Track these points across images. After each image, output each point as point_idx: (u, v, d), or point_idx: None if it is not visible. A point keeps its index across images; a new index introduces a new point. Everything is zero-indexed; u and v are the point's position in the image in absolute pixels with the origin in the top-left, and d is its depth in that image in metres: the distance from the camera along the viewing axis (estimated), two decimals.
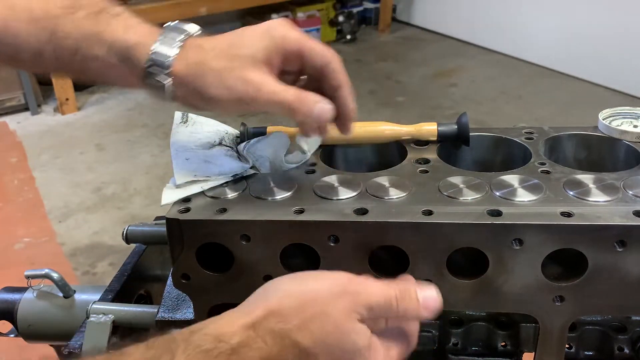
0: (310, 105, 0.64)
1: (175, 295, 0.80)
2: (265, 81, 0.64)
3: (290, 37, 0.67)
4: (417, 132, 0.80)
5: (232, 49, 0.65)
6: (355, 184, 0.71)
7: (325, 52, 0.68)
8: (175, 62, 0.65)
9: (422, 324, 0.77)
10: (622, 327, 0.76)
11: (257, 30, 0.67)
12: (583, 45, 3.66)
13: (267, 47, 0.65)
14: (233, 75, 0.64)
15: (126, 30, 0.67)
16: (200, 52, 0.66)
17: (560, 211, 0.63)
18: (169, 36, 0.66)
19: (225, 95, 0.65)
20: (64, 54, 0.67)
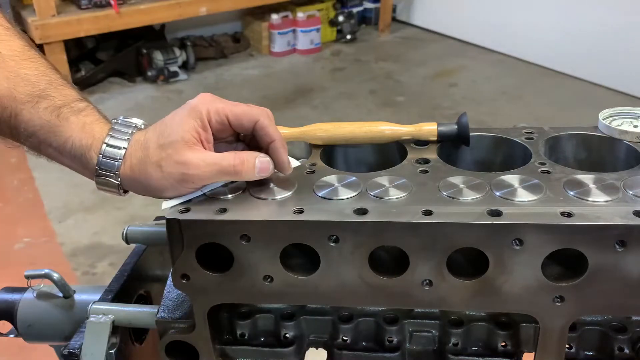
0: (252, 162, 0.69)
1: (175, 295, 0.80)
2: (202, 157, 0.68)
3: (213, 110, 0.70)
4: (417, 132, 0.80)
5: (162, 139, 0.69)
6: (355, 184, 0.71)
7: (250, 112, 0.71)
8: (122, 165, 0.70)
9: (422, 325, 0.78)
10: (622, 327, 0.76)
11: (182, 114, 0.70)
12: (583, 45, 3.66)
13: (193, 127, 0.69)
14: (169, 163, 0.68)
15: (83, 129, 0.71)
16: (142, 148, 0.70)
17: (560, 211, 0.63)
18: (115, 137, 0.71)
19: (168, 183, 0.69)
20: (22, 135, 0.72)
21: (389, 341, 0.78)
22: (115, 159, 0.70)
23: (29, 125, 0.71)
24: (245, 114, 0.71)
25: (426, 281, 0.66)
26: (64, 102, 0.72)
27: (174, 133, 0.69)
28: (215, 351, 0.77)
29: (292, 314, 0.79)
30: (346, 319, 0.78)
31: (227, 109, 0.71)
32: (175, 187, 0.69)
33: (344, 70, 4.08)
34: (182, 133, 0.68)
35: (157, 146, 0.69)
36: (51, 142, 0.71)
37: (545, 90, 3.65)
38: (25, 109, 0.70)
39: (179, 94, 3.61)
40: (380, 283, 0.67)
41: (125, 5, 3.46)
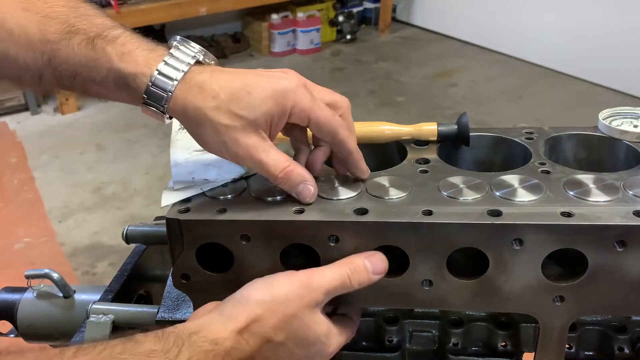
0: (294, 183, 0.67)
1: (175, 295, 0.80)
2: (260, 148, 0.65)
3: (301, 106, 0.66)
4: (417, 132, 0.80)
5: (235, 105, 0.64)
6: (355, 184, 0.71)
7: (331, 124, 0.67)
8: (172, 101, 0.65)
9: (422, 325, 0.78)
10: (622, 327, 0.76)
11: (268, 88, 0.65)
12: (583, 45, 3.66)
13: (273, 112, 0.65)
14: (230, 135, 0.64)
15: (122, 59, 0.65)
16: (200, 96, 0.64)
17: (560, 211, 0.63)
18: (170, 64, 0.65)
19: (218, 150, 0.67)
20: (63, 77, 0.67)
21: (389, 341, 0.78)
22: (165, 90, 0.64)
23: (69, 65, 0.66)
24: (327, 124, 0.67)
25: (426, 281, 0.66)
26: (96, 32, 0.67)
27: (250, 108, 0.64)
28: None
29: None
30: None
31: (312, 112, 0.66)
32: (221, 154, 0.67)
33: (344, 70, 4.08)
34: (259, 114, 0.64)
35: (225, 109, 0.64)
36: (94, 77, 0.66)
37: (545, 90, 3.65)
38: (61, 49, 0.66)
39: None
40: (380, 283, 0.67)
41: (125, 5, 3.46)
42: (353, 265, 0.65)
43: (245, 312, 0.62)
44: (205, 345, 0.58)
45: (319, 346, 0.65)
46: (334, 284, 0.64)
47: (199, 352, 0.57)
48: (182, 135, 0.80)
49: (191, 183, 0.72)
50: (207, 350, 0.57)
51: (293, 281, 0.64)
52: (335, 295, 0.65)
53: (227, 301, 0.65)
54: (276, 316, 0.62)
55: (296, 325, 0.63)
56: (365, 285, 0.65)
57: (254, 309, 0.62)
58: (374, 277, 0.65)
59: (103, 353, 0.53)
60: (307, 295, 0.63)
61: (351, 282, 0.65)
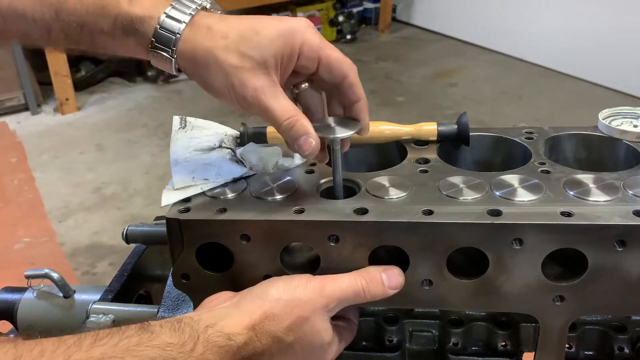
0: (297, 134, 0.65)
1: (175, 295, 0.80)
2: (268, 92, 0.64)
3: (310, 44, 0.65)
4: (417, 132, 0.80)
5: (244, 45, 0.63)
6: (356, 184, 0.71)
7: (343, 65, 0.66)
8: (181, 42, 0.64)
9: (422, 324, 0.78)
10: (622, 327, 0.76)
11: (276, 28, 0.64)
12: (583, 45, 3.66)
13: (282, 52, 0.64)
14: (239, 76, 0.63)
15: (130, 3, 0.65)
16: (209, 36, 0.64)
17: (560, 211, 0.63)
18: (177, 8, 0.64)
19: (225, 93, 0.65)
20: (71, 29, 0.67)
21: (389, 341, 0.78)
22: (174, 32, 0.63)
23: (76, 16, 0.65)
24: (340, 63, 0.66)
25: (426, 281, 0.66)
26: None
27: (260, 47, 0.63)
28: None
29: None
30: None
31: (322, 49, 0.65)
32: (227, 98, 0.65)
33: None
34: (268, 54, 0.63)
35: (234, 49, 0.63)
36: (101, 26, 0.65)
37: (545, 90, 3.65)
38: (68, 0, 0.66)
39: (179, 94, 3.60)
40: None
41: None
42: (369, 276, 0.65)
43: (262, 308, 0.62)
44: (219, 341, 0.58)
45: (321, 353, 0.66)
46: (347, 294, 0.65)
47: (213, 347, 0.57)
48: (182, 134, 0.80)
49: (191, 183, 0.72)
50: (220, 346, 0.58)
51: (310, 285, 0.64)
52: (348, 304, 0.66)
53: (244, 294, 0.65)
54: (291, 317, 0.62)
55: (307, 329, 0.63)
56: (378, 298, 0.65)
57: (271, 306, 0.62)
58: (390, 292, 0.65)
59: (119, 345, 0.53)
60: (321, 300, 0.64)
61: (365, 294, 0.65)
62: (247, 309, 0.62)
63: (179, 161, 0.76)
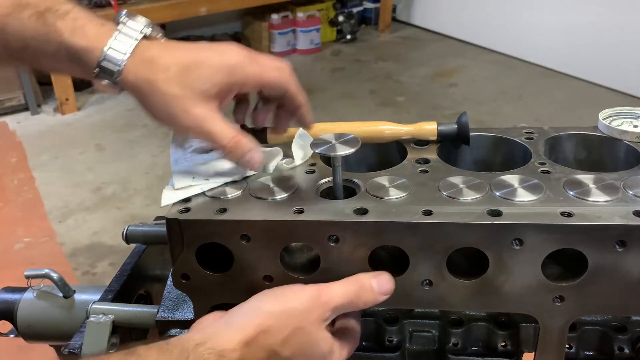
0: (242, 151, 0.69)
1: (175, 295, 0.80)
2: (209, 118, 0.67)
3: (250, 74, 0.69)
4: (417, 131, 0.80)
5: (184, 77, 0.66)
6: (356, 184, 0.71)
7: (282, 80, 0.71)
8: (124, 73, 0.66)
9: (422, 325, 0.78)
10: (622, 327, 0.76)
11: (216, 64, 0.68)
12: (583, 45, 3.66)
13: (222, 83, 0.67)
14: (179, 105, 0.66)
15: (73, 33, 0.67)
16: (151, 69, 0.66)
17: (560, 211, 0.63)
18: (119, 40, 0.67)
19: (167, 121, 0.68)
20: (14, 49, 0.68)
21: (389, 341, 0.78)
22: (117, 64, 0.66)
23: (19, 38, 0.67)
24: (278, 80, 0.71)
25: (426, 281, 0.66)
26: (46, 6, 0.67)
27: (200, 79, 0.67)
28: None
29: None
30: None
31: (262, 76, 0.70)
32: (170, 125, 0.69)
33: (344, 70, 4.08)
34: (209, 86, 0.67)
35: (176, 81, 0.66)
36: (45, 50, 0.67)
37: (545, 90, 3.65)
38: (10, 21, 0.67)
39: None
40: None
41: (125, 5, 3.46)
42: (360, 284, 0.65)
43: (254, 323, 0.61)
44: (211, 358, 0.57)
45: None
46: (342, 301, 0.64)
47: None
48: None
49: (191, 183, 0.72)
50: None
51: (303, 295, 0.64)
52: (342, 312, 0.66)
53: (234, 311, 0.64)
54: (286, 329, 0.61)
55: (304, 339, 0.62)
56: (371, 305, 0.66)
57: (264, 320, 0.61)
58: (381, 298, 0.65)
59: None
60: (316, 310, 0.63)
61: (358, 302, 0.65)
62: (239, 324, 0.61)
63: (179, 161, 0.76)
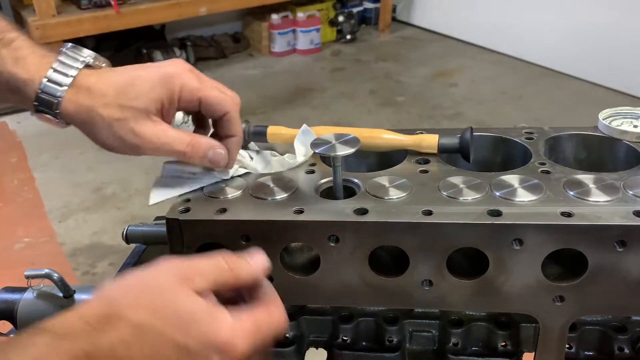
0: (203, 151, 0.68)
1: None
2: (158, 133, 0.66)
3: (189, 88, 0.68)
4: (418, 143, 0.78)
5: (122, 99, 0.66)
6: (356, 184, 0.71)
7: (223, 102, 0.69)
8: (64, 103, 0.66)
9: (422, 325, 0.78)
10: (622, 327, 0.76)
11: (152, 77, 0.67)
12: (583, 45, 3.66)
13: (161, 98, 0.67)
14: (124, 127, 0.66)
15: (16, 63, 0.67)
16: (90, 97, 0.66)
17: (560, 211, 0.63)
18: (59, 71, 0.66)
19: (117, 145, 0.67)
20: None
21: (389, 341, 0.78)
22: (55, 96, 0.66)
23: None
24: (219, 101, 0.69)
25: (426, 281, 0.66)
26: None
27: (139, 99, 0.66)
28: None
29: (292, 314, 0.79)
30: (346, 319, 0.78)
31: (201, 92, 0.68)
32: (122, 150, 0.68)
33: (344, 70, 4.08)
34: (148, 102, 0.66)
35: (114, 104, 0.65)
36: None
37: (545, 90, 3.65)
38: None
39: None
40: (380, 283, 0.67)
41: (125, 5, 3.45)
42: (229, 255, 0.57)
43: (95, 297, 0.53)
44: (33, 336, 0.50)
45: (204, 327, 0.51)
46: (207, 266, 0.55)
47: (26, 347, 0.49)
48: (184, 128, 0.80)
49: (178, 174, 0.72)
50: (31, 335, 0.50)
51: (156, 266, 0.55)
52: (216, 282, 0.55)
53: None
54: (132, 292, 0.52)
55: (159, 300, 0.51)
56: (248, 277, 0.56)
57: (104, 291, 0.53)
58: (255, 268, 0.57)
59: None
60: (173, 270, 0.54)
61: (228, 265, 0.55)
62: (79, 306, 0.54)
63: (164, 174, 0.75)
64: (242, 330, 0.53)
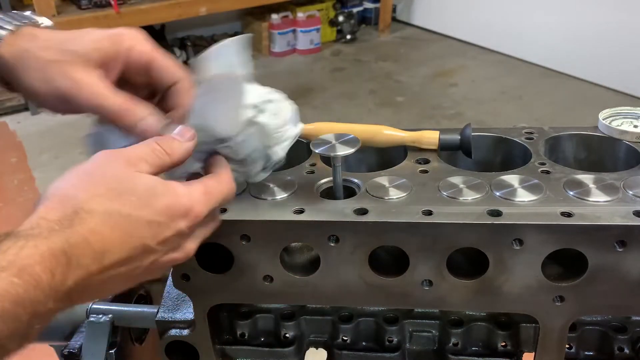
0: (134, 118, 0.62)
1: (175, 295, 0.80)
2: (91, 82, 0.61)
3: (139, 50, 0.64)
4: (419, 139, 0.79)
5: (66, 44, 0.62)
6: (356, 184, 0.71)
7: (174, 70, 0.65)
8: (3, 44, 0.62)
9: (422, 325, 0.78)
10: (622, 327, 0.76)
11: (103, 33, 0.64)
12: (583, 45, 3.66)
13: (106, 50, 0.62)
14: (57, 69, 0.61)
15: None
16: (31, 40, 0.63)
17: (560, 211, 0.63)
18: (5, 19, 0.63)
19: (44, 89, 0.62)
20: None
21: (389, 341, 0.78)
22: None
23: None
24: (172, 68, 0.64)
25: (426, 281, 0.66)
26: None
27: (82, 45, 0.62)
28: (215, 351, 0.77)
29: (292, 314, 0.79)
30: (346, 319, 0.78)
31: (153, 55, 0.64)
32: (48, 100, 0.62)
33: (344, 70, 4.08)
34: (90, 50, 0.62)
35: (55, 47, 0.62)
36: None
37: (545, 90, 3.65)
38: None
39: None
40: (380, 283, 0.67)
41: (125, 5, 3.46)
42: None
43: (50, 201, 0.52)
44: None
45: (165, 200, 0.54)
46: (146, 150, 0.57)
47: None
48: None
49: None
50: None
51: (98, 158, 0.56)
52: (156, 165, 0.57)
53: None
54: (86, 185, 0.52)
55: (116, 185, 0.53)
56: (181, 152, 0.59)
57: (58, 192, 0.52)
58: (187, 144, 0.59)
59: None
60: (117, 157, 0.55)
61: (163, 148, 0.58)
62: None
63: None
64: (198, 195, 0.57)
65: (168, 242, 0.55)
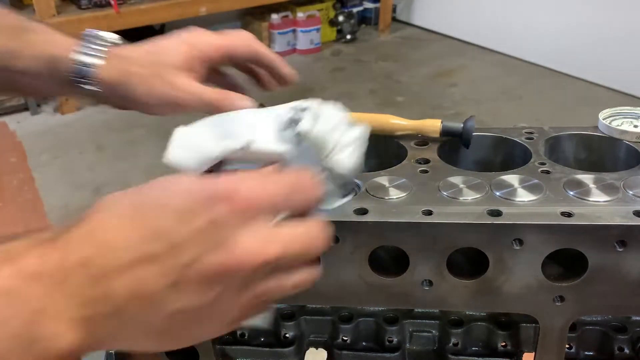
0: (232, 102, 0.71)
1: None
2: (185, 82, 0.70)
3: (211, 44, 0.73)
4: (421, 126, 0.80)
5: (152, 57, 0.71)
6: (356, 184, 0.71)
7: (248, 45, 0.75)
8: (99, 71, 0.69)
9: (422, 325, 0.78)
10: (622, 327, 0.76)
11: (172, 41, 0.73)
12: (583, 45, 3.66)
13: (186, 55, 0.71)
14: (159, 81, 0.70)
15: (46, 45, 0.70)
16: (122, 61, 0.71)
17: (560, 211, 0.63)
18: (89, 46, 0.70)
19: (154, 100, 0.71)
20: None
21: (389, 341, 0.78)
22: (91, 65, 0.69)
23: None
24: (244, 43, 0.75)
25: (426, 281, 0.66)
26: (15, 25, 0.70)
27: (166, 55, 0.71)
28: (215, 351, 0.77)
29: (292, 314, 0.79)
30: (346, 319, 0.78)
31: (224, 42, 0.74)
32: (159, 108, 0.71)
33: (344, 70, 4.08)
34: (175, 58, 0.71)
35: (146, 62, 0.71)
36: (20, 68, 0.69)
37: (545, 90, 3.65)
38: None
39: None
40: (380, 283, 0.67)
41: (125, 5, 3.45)
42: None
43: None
44: None
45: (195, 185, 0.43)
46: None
47: None
48: None
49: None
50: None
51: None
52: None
53: None
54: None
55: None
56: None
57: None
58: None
59: None
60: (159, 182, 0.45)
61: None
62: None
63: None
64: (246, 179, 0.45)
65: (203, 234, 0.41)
